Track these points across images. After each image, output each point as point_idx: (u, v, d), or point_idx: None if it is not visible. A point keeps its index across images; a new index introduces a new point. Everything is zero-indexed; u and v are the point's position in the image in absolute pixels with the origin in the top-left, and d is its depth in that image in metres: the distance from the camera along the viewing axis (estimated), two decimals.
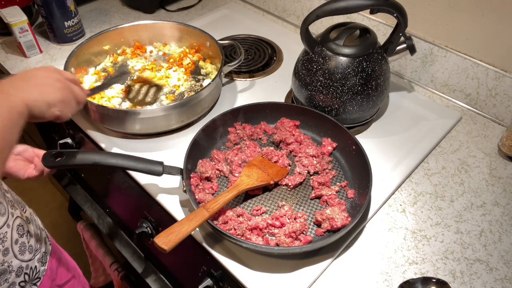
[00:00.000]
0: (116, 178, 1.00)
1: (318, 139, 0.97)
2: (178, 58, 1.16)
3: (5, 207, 0.70)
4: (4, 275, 0.69)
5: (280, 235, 0.76)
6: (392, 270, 0.76)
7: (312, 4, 1.28)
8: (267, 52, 1.26)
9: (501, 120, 1.04)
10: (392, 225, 0.83)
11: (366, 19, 1.17)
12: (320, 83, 0.94)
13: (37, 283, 0.76)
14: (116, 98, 1.04)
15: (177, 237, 0.68)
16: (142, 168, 0.78)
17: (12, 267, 0.70)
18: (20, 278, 0.72)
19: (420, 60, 1.11)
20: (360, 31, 0.95)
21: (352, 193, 0.85)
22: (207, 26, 1.31)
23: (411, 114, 1.05)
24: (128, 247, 1.04)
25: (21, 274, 0.72)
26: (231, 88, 1.14)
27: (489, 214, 0.85)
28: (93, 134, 1.00)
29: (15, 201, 0.76)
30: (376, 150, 0.96)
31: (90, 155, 0.76)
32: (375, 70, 0.93)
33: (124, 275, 1.11)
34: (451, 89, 1.10)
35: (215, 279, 0.79)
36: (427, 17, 1.06)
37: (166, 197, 0.87)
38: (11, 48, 1.26)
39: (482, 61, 1.01)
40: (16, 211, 0.74)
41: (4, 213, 0.69)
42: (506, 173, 0.93)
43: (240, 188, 0.81)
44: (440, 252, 0.79)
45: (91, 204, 1.15)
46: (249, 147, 0.92)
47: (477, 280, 0.75)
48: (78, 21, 1.27)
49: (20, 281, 0.72)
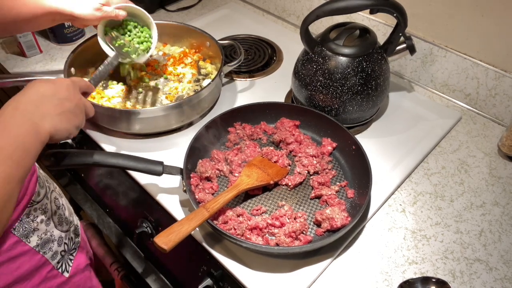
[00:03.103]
0: (116, 178, 1.00)
1: (318, 139, 0.97)
2: (178, 58, 1.16)
3: (43, 180, 0.73)
4: (48, 244, 0.72)
5: (280, 235, 0.76)
6: (392, 270, 0.76)
7: (312, 4, 1.28)
8: (267, 52, 1.27)
9: (501, 120, 1.04)
10: (392, 225, 0.83)
11: (366, 19, 1.17)
12: (320, 83, 0.94)
13: (74, 253, 0.80)
14: (116, 98, 1.04)
15: (177, 237, 0.68)
16: (142, 168, 0.78)
17: (54, 236, 0.74)
18: (61, 247, 0.76)
19: (420, 60, 1.11)
20: (360, 31, 0.95)
21: (352, 193, 0.85)
22: (207, 26, 1.31)
23: (411, 114, 1.05)
24: (128, 247, 1.04)
25: (61, 244, 0.76)
26: (231, 88, 1.14)
27: (489, 214, 0.85)
28: (93, 134, 1.00)
29: (46, 177, 0.79)
30: (376, 150, 0.96)
31: (90, 155, 0.76)
32: (375, 70, 0.93)
33: (124, 275, 1.11)
34: (451, 89, 1.10)
35: (215, 279, 0.79)
36: (427, 17, 1.06)
37: (166, 197, 0.87)
38: (11, 48, 1.26)
39: (482, 61, 1.01)
40: (50, 185, 0.77)
41: (43, 186, 0.73)
42: (506, 173, 0.93)
43: (240, 188, 0.81)
44: (440, 252, 0.79)
45: (91, 204, 1.15)
46: (249, 147, 0.92)
47: (476, 280, 0.75)
48: None
49: (61, 250, 0.76)
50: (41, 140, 0.58)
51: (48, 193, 0.74)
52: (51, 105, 0.60)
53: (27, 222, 0.68)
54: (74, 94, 0.66)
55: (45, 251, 0.72)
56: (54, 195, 0.77)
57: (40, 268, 0.71)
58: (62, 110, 0.62)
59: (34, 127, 0.57)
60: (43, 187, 0.73)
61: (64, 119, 0.62)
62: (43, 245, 0.71)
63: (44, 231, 0.71)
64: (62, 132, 0.61)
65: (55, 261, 0.74)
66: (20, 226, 0.66)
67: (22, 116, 0.56)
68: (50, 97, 0.61)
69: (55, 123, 0.60)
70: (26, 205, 0.67)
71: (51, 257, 0.73)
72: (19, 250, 0.67)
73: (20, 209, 0.66)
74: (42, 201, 0.71)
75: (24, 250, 0.68)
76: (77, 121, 0.66)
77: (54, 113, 0.60)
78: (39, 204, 0.70)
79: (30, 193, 0.68)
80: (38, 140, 0.57)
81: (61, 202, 0.79)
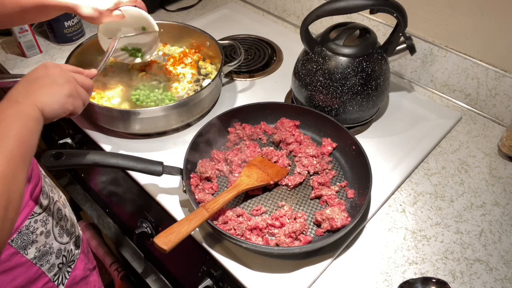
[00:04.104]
0: (116, 178, 1.00)
1: (318, 139, 0.97)
2: (178, 58, 1.16)
3: (47, 191, 0.73)
4: (46, 256, 0.71)
5: (280, 235, 0.76)
6: (392, 270, 0.76)
7: (312, 4, 1.28)
8: (267, 52, 1.26)
9: (501, 120, 1.04)
10: (392, 225, 0.83)
11: (366, 19, 1.17)
12: (320, 83, 0.94)
13: (72, 265, 0.79)
14: (116, 98, 1.04)
15: (177, 237, 0.68)
16: (142, 168, 0.78)
17: (53, 248, 0.73)
18: (59, 259, 0.75)
19: (420, 60, 1.11)
20: (360, 31, 0.95)
21: (352, 193, 0.85)
22: (207, 26, 1.31)
23: (411, 114, 1.05)
24: (128, 247, 1.04)
25: (60, 256, 0.75)
26: (231, 88, 1.14)
27: (489, 214, 0.85)
28: (93, 134, 1.00)
29: (52, 186, 0.79)
30: (376, 150, 0.96)
31: (90, 155, 0.76)
32: (375, 70, 0.93)
33: (124, 275, 1.11)
34: (451, 89, 1.10)
35: (215, 279, 0.79)
36: (427, 17, 1.06)
37: (166, 197, 0.87)
38: (11, 48, 1.26)
39: (482, 61, 1.01)
40: (55, 195, 0.77)
41: (46, 197, 0.72)
42: (506, 173, 0.93)
43: (240, 188, 0.81)
44: (440, 252, 0.79)
45: (91, 204, 1.15)
46: (249, 147, 0.92)
47: (477, 280, 0.75)
48: (78, 21, 1.27)
49: (59, 263, 0.75)
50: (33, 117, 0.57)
51: (51, 204, 0.74)
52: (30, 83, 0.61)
53: (26, 234, 0.67)
54: (53, 68, 0.65)
55: (42, 263, 0.71)
56: (57, 206, 0.76)
57: (36, 281, 0.70)
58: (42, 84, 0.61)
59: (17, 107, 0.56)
60: (46, 198, 0.72)
61: (49, 90, 0.61)
62: (41, 257, 0.70)
63: (43, 243, 0.70)
64: (51, 103, 0.60)
65: (52, 273, 0.73)
66: (18, 237, 0.65)
67: (7, 101, 0.57)
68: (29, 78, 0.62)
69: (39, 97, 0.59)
70: (27, 216, 0.67)
71: (48, 269, 0.72)
72: (15, 261, 0.66)
73: (20, 220, 0.65)
74: (43, 212, 0.70)
75: (21, 261, 0.67)
76: (66, 90, 0.64)
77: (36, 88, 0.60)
78: (41, 215, 0.69)
79: (31, 204, 0.67)
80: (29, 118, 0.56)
81: (63, 213, 0.78)
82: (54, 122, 0.66)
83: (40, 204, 0.69)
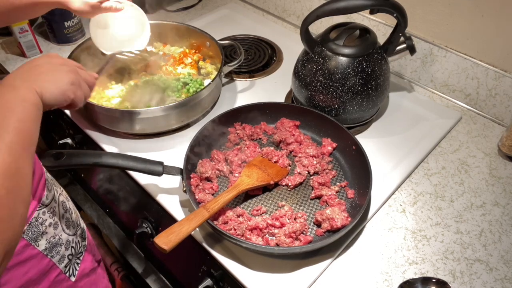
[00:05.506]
0: (116, 178, 1.00)
1: (318, 139, 0.97)
2: (178, 58, 1.16)
3: (51, 183, 0.73)
4: (56, 248, 0.72)
5: (280, 235, 0.76)
6: (392, 270, 0.76)
7: (312, 4, 1.28)
8: (267, 52, 1.27)
9: (501, 120, 1.04)
10: (392, 225, 0.83)
11: (366, 19, 1.17)
12: (320, 83, 0.94)
13: (80, 257, 0.79)
14: (116, 98, 1.04)
15: (177, 237, 0.68)
16: (142, 168, 0.78)
17: (62, 240, 0.73)
18: (68, 251, 0.75)
19: (420, 60, 1.11)
20: (360, 31, 0.95)
21: (352, 193, 0.85)
22: (207, 26, 1.31)
23: (411, 114, 1.05)
24: (128, 247, 1.04)
25: (69, 247, 0.75)
26: (231, 88, 1.14)
27: (489, 214, 0.85)
28: (93, 134, 1.00)
29: (54, 180, 0.78)
30: (376, 150, 0.96)
31: (90, 155, 0.76)
32: (375, 70, 0.93)
33: (124, 275, 1.11)
34: (451, 89, 1.10)
35: (215, 279, 0.79)
36: (427, 17, 1.06)
37: (166, 197, 0.87)
38: (11, 48, 1.26)
39: (482, 61, 1.01)
40: (58, 189, 0.77)
41: (51, 189, 0.72)
42: (506, 173, 0.93)
43: (240, 188, 0.81)
44: (440, 252, 0.79)
45: (91, 204, 1.15)
46: (249, 147, 0.92)
47: (477, 280, 0.75)
48: (78, 21, 1.27)
49: (69, 254, 0.75)
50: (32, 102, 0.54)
51: (56, 196, 0.74)
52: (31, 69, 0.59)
53: (36, 226, 0.67)
54: (56, 58, 0.64)
55: (53, 254, 0.71)
56: (61, 199, 0.76)
57: (48, 273, 0.71)
58: (43, 70, 0.60)
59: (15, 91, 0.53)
60: (51, 191, 0.72)
61: (50, 76, 0.59)
62: (51, 248, 0.71)
63: (53, 234, 0.71)
64: (51, 88, 0.58)
65: (63, 265, 0.74)
66: (29, 229, 0.66)
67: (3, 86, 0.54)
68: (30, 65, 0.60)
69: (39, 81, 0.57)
70: (35, 208, 0.67)
71: (58, 261, 0.72)
72: (27, 253, 0.66)
73: (30, 212, 0.66)
74: (50, 204, 0.71)
75: (33, 253, 0.67)
76: (68, 77, 0.62)
77: (36, 73, 0.59)
78: (48, 207, 0.70)
79: (38, 196, 0.68)
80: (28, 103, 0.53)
81: (68, 206, 0.79)
82: (54, 122, 0.66)
83: (46, 195, 0.70)
